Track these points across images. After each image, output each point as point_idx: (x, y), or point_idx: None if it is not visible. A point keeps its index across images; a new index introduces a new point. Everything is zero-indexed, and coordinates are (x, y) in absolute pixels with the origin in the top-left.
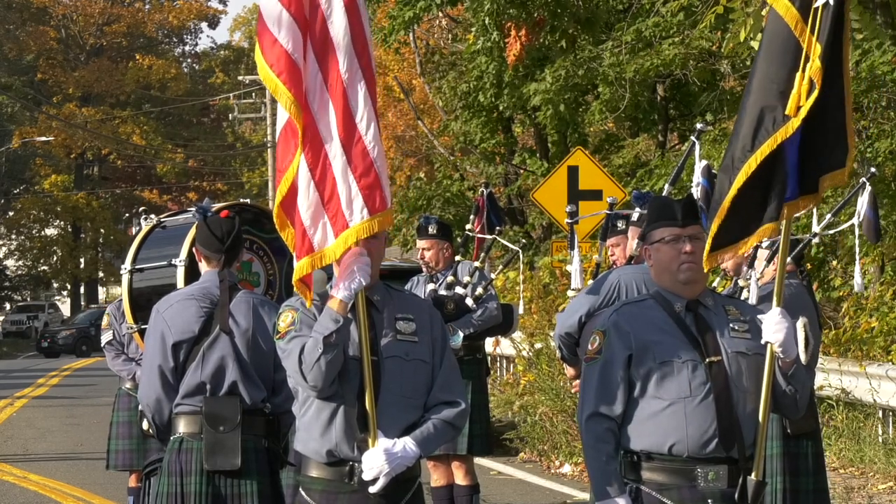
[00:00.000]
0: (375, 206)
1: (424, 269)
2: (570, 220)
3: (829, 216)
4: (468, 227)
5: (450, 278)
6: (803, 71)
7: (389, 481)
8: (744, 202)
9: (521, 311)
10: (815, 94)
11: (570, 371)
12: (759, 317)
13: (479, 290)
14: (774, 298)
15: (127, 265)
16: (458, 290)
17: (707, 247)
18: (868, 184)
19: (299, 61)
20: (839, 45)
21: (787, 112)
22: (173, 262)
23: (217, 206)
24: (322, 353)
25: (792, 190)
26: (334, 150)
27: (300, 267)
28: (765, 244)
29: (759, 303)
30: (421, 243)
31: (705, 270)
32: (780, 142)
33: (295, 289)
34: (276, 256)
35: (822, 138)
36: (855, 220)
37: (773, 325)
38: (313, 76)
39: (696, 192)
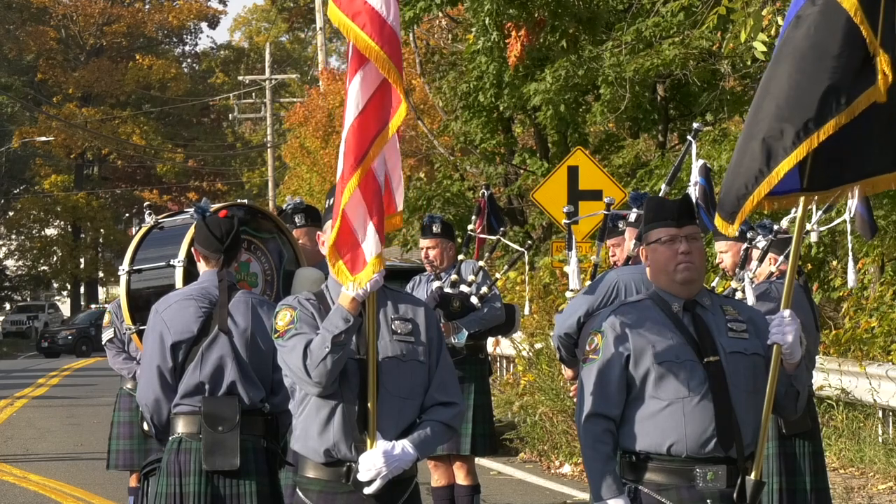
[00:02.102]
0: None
1: (428, 268)
2: (567, 221)
3: (820, 212)
4: (470, 227)
5: (453, 277)
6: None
7: (386, 482)
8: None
9: (526, 311)
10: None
11: (567, 372)
12: (768, 317)
13: (485, 290)
14: (783, 300)
15: (125, 266)
16: (463, 288)
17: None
18: None
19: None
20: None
21: (878, 99)
22: (172, 262)
23: (215, 206)
24: (329, 352)
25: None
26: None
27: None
28: (760, 244)
29: (755, 303)
30: (425, 242)
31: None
32: (842, 123)
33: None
34: (273, 257)
35: (866, 138)
36: (847, 217)
37: (781, 327)
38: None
39: (694, 191)
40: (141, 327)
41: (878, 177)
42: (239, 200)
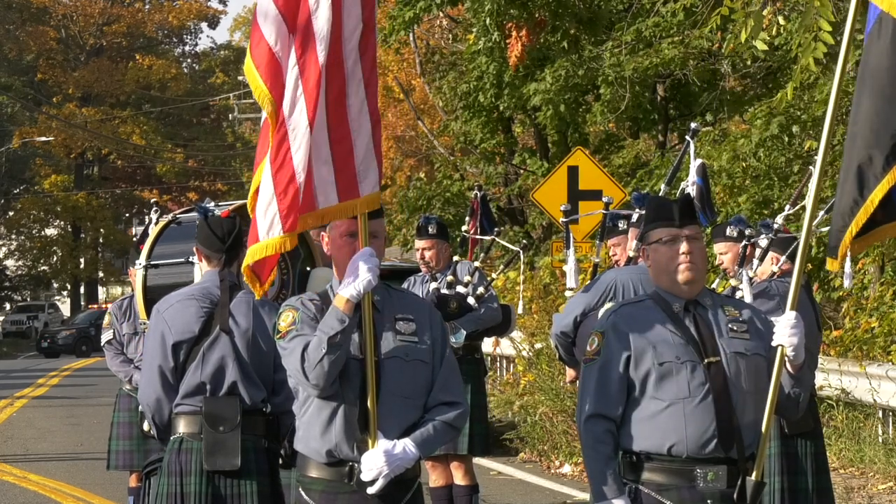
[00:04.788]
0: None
1: (424, 269)
2: (564, 220)
3: (821, 213)
4: (464, 227)
5: (449, 278)
6: None
7: (388, 482)
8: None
9: (520, 311)
10: None
11: (570, 374)
12: (773, 318)
13: (481, 290)
14: (789, 301)
15: (142, 261)
16: (459, 289)
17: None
18: None
19: (280, 57)
20: None
21: None
22: (191, 259)
23: (235, 203)
24: (326, 353)
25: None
26: (299, 142)
27: (251, 253)
28: (762, 243)
29: (753, 300)
30: (420, 243)
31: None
32: None
33: (244, 277)
34: (289, 256)
35: None
36: None
37: (787, 329)
38: (291, 69)
39: (692, 191)
40: None
41: None
42: None
